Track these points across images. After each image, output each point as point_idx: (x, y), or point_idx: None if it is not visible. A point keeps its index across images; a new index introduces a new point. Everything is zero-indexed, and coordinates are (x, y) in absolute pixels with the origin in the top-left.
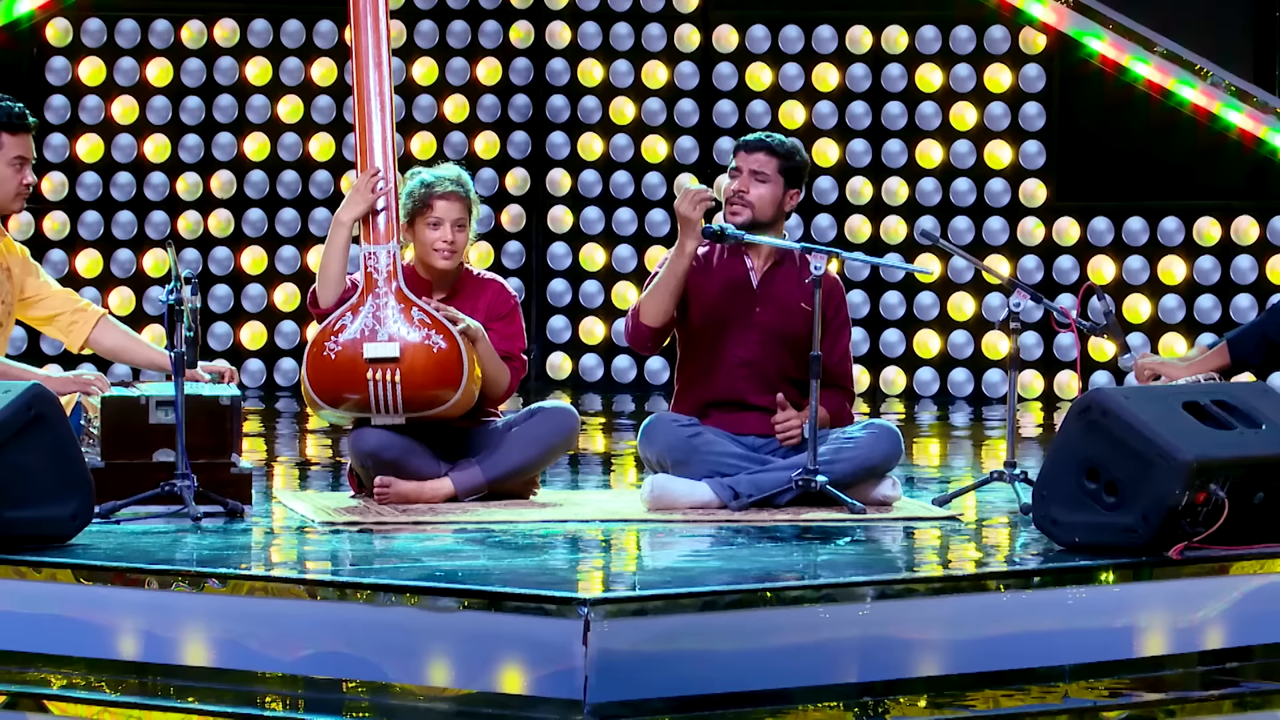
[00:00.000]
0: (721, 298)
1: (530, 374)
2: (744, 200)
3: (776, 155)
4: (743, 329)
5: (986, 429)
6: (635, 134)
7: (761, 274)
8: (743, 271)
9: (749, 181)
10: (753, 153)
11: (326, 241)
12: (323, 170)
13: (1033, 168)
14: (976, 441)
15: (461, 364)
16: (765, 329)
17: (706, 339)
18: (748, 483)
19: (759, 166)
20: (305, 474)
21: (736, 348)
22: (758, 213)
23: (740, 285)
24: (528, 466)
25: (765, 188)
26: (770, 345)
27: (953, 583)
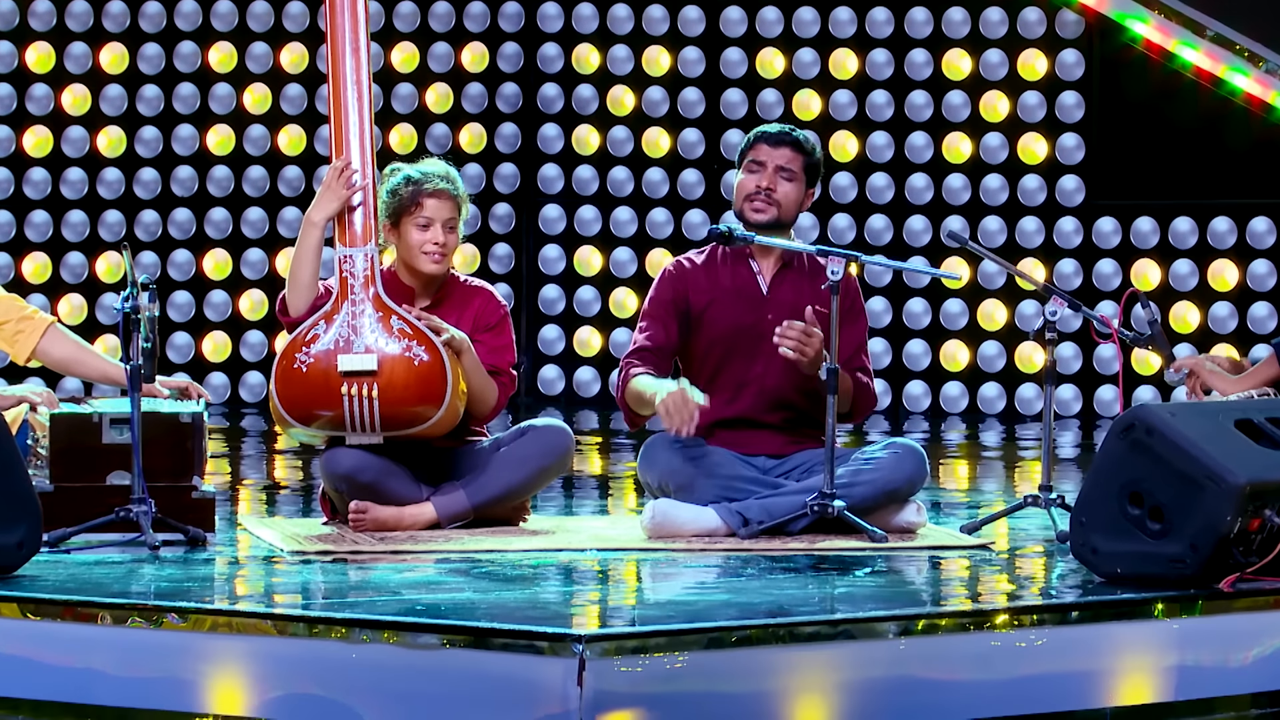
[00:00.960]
0: (729, 309)
1: (520, 389)
2: (770, 199)
3: (803, 151)
4: (753, 340)
5: (1020, 449)
6: (635, 125)
7: (770, 279)
8: (750, 278)
9: (775, 178)
10: (778, 146)
11: (297, 243)
12: (293, 165)
13: (1070, 163)
14: (1009, 463)
15: (445, 378)
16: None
17: (714, 354)
18: (758, 508)
19: (786, 162)
20: (273, 499)
21: (746, 361)
22: (783, 213)
23: (748, 293)
24: (517, 490)
25: (792, 186)
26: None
27: (983, 618)
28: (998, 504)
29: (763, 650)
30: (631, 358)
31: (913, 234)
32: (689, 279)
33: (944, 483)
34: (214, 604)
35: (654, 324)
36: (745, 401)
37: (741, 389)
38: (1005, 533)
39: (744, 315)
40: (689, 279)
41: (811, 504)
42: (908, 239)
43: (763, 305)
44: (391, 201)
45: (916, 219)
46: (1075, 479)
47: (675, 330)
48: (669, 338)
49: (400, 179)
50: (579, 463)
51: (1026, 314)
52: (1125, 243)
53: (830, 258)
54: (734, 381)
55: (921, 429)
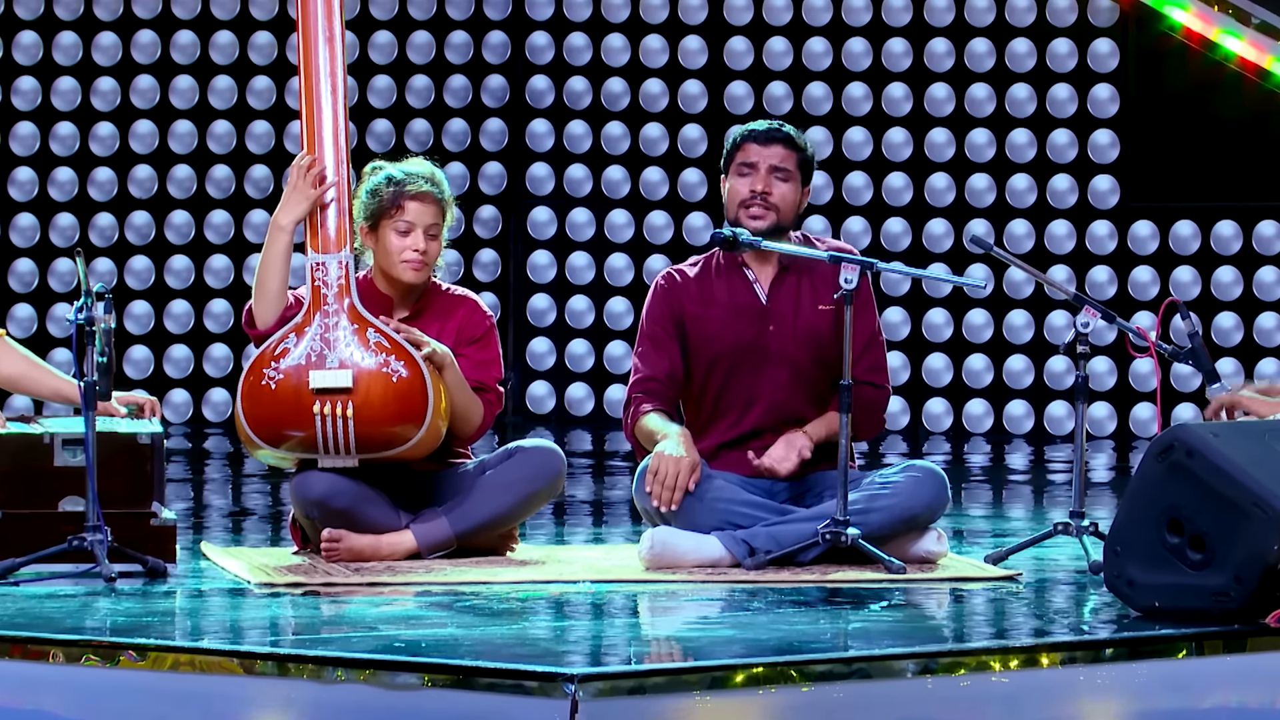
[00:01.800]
0: (728, 324)
1: (507, 407)
2: (768, 203)
3: (795, 148)
4: (755, 356)
5: (1049, 472)
6: (631, 121)
7: (769, 286)
8: (745, 287)
9: (770, 180)
10: (769, 145)
11: (264, 249)
12: (261, 164)
13: (1104, 161)
14: (1037, 487)
15: (426, 396)
16: (782, 350)
17: (716, 374)
18: (765, 536)
19: (780, 161)
20: (240, 526)
21: (749, 378)
22: (782, 216)
23: (747, 305)
24: (504, 517)
25: (788, 187)
26: (790, 367)
27: (1009, 655)
28: (1025, 532)
29: (771, 691)
30: (638, 391)
31: (933, 239)
32: (683, 293)
33: (967, 509)
34: (175, 640)
35: (654, 348)
36: (751, 421)
37: (746, 408)
38: (1033, 563)
39: (744, 330)
40: (683, 293)
41: (823, 532)
42: (927, 244)
43: (764, 317)
44: (371, 203)
45: (937, 222)
46: (1109, 505)
47: (677, 350)
48: (672, 361)
49: (381, 178)
50: (571, 487)
51: (1056, 325)
52: (1164, 248)
53: (844, 265)
54: (737, 401)
55: (942, 450)
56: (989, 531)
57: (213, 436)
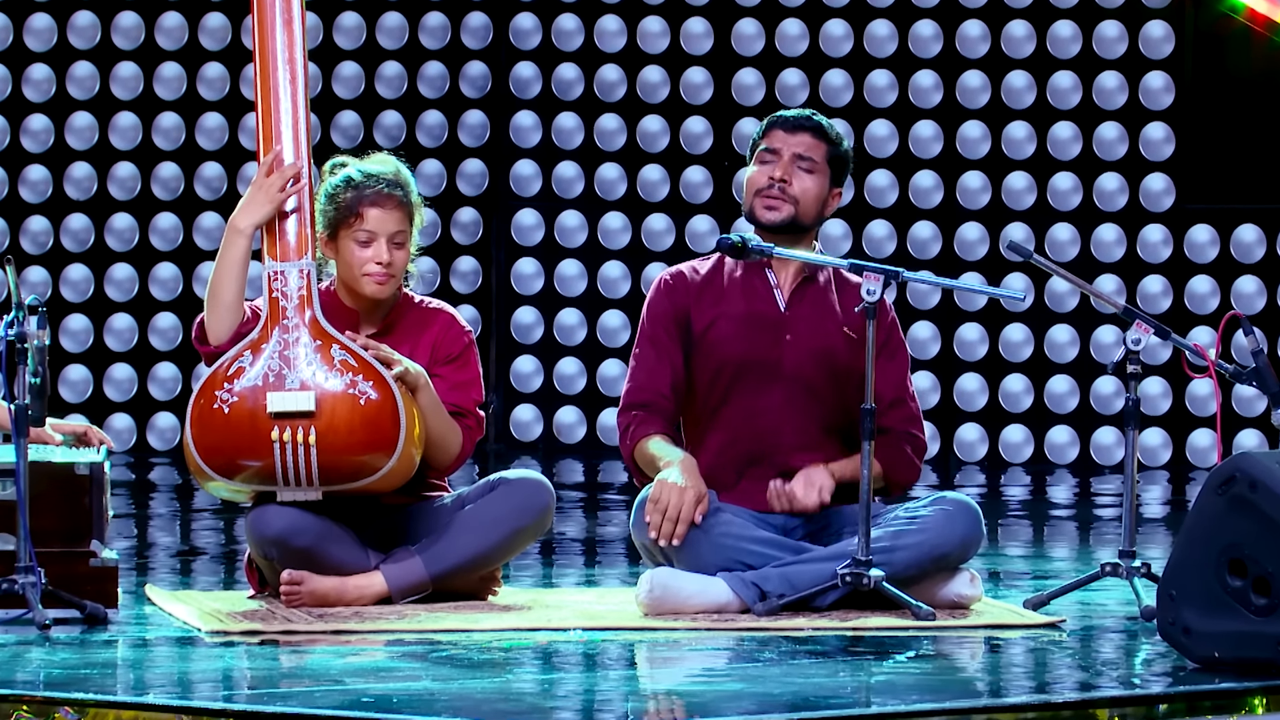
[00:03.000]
0: (739, 329)
1: (488, 433)
2: (785, 193)
3: (826, 139)
4: (767, 369)
5: (1096, 507)
6: (628, 113)
7: (790, 293)
8: (765, 291)
9: (791, 169)
10: (796, 132)
11: (218, 257)
12: (212, 162)
13: (1157, 158)
14: (1082, 523)
15: (398, 421)
16: (796, 367)
17: (719, 386)
18: (777, 578)
19: (806, 150)
20: (189, 567)
21: (755, 393)
22: (801, 211)
23: (762, 310)
24: (485, 556)
25: (812, 180)
26: (802, 387)
27: (1052, 711)
28: (1069, 574)
29: None
30: (637, 408)
31: (966, 245)
32: (689, 292)
33: (1004, 547)
34: (117, 695)
35: (654, 354)
36: (747, 444)
37: (744, 428)
38: (1078, 609)
39: (757, 337)
40: (689, 292)
41: (843, 573)
42: (959, 251)
43: (780, 325)
44: (328, 209)
45: (970, 227)
46: (1164, 543)
47: (679, 357)
48: (675, 370)
49: (339, 181)
50: (560, 523)
51: (1104, 342)
52: (1224, 255)
53: (866, 274)
54: (735, 418)
55: (977, 482)
56: (1028, 573)
57: (159, 466)
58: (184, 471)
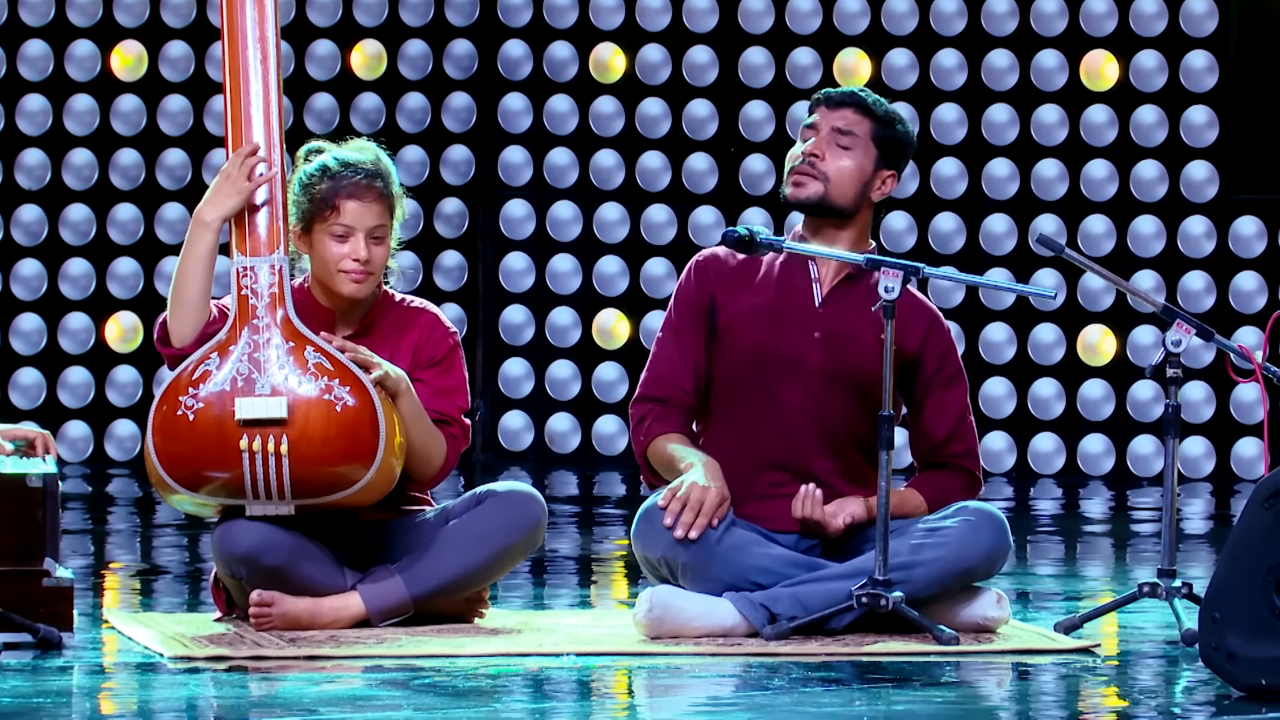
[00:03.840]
0: (762, 320)
1: (475, 443)
2: (816, 168)
3: (871, 115)
4: (790, 368)
5: (1133, 522)
6: (627, 96)
7: (828, 290)
8: (803, 282)
9: (827, 144)
10: (838, 107)
11: (182, 252)
12: (176, 149)
13: (1199, 144)
14: (1118, 540)
15: (377, 429)
16: (823, 364)
17: (734, 379)
18: (788, 599)
19: (846, 125)
20: (150, 588)
21: (773, 393)
22: (833, 191)
23: (795, 302)
24: (471, 576)
25: (849, 156)
26: (828, 388)
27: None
28: (1104, 595)
29: None
30: (654, 401)
31: (992, 239)
32: (720, 275)
33: (1033, 565)
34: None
35: (676, 344)
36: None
37: (758, 431)
38: (1114, 632)
39: (781, 329)
40: (720, 275)
41: (859, 594)
42: (985, 245)
43: (810, 321)
44: (302, 200)
45: (996, 219)
46: (1207, 562)
47: (702, 349)
48: (697, 364)
49: (314, 170)
50: (552, 539)
51: (1142, 344)
52: (1271, 249)
53: (883, 270)
54: (748, 419)
55: (1004, 495)
56: (1060, 594)
57: (118, 478)
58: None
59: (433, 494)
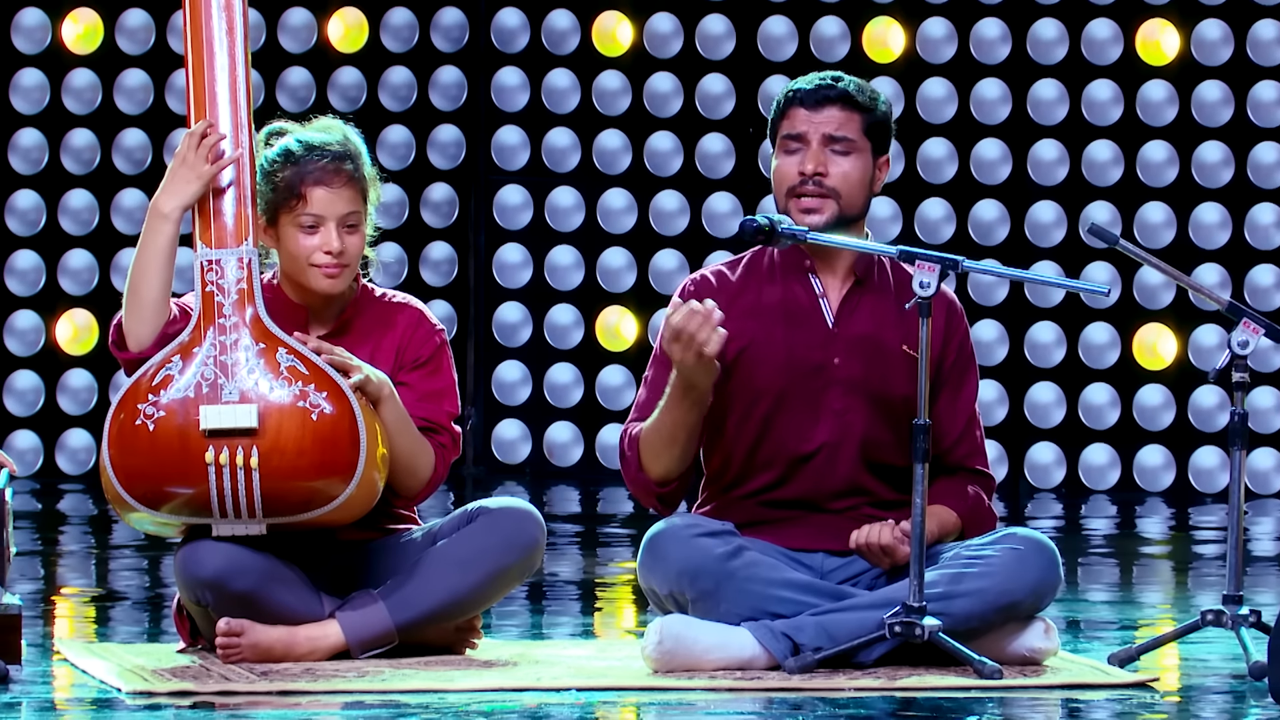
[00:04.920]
0: (778, 349)
1: (465, 453)
2: (823, 186)
3: (858, 107)
4: (813, 394)
5: (1195, 543)
6: (634, 70)
7: (839, 302)
8: (809, 300)
9: (824, 157)
10: (821, 108)
11: (139, 245)
12: (135, 129)
13: (1268, 124)
14: (1179, 563)
15: (357, 439)
16: (849, 392)
17: (755, 415)
18: (813, 628)
19: (837, 129)
20: (105, 615)
21: (801, 425)
22: (846, 204)
23: (807, 324)
24: (462, 602)
25: (851, 163)
26: (855, 412)
27: None
28: (1163, 623)
29: None
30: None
31: (1038, 229)
32: (717, 302)
33: (1084, 591)
34: None
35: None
36: (800, 486)
37: (793, 467)
38: (1174, 665)
39: (798, 364)
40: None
41: (892, 623)
42: (1030, 235)
43: (826, 345)
44: (265, 189)
45: (1043, 207)
46: (1277, 587)
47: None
48: None
49: (276, 154)
50: (551, 561)
51: (1205, 345)
52: None
53: (918, 264)
54: (780, 455)
55: (1052, 513)
56: (1114, 622)
57: (70, 494)
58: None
59: (419, 511)
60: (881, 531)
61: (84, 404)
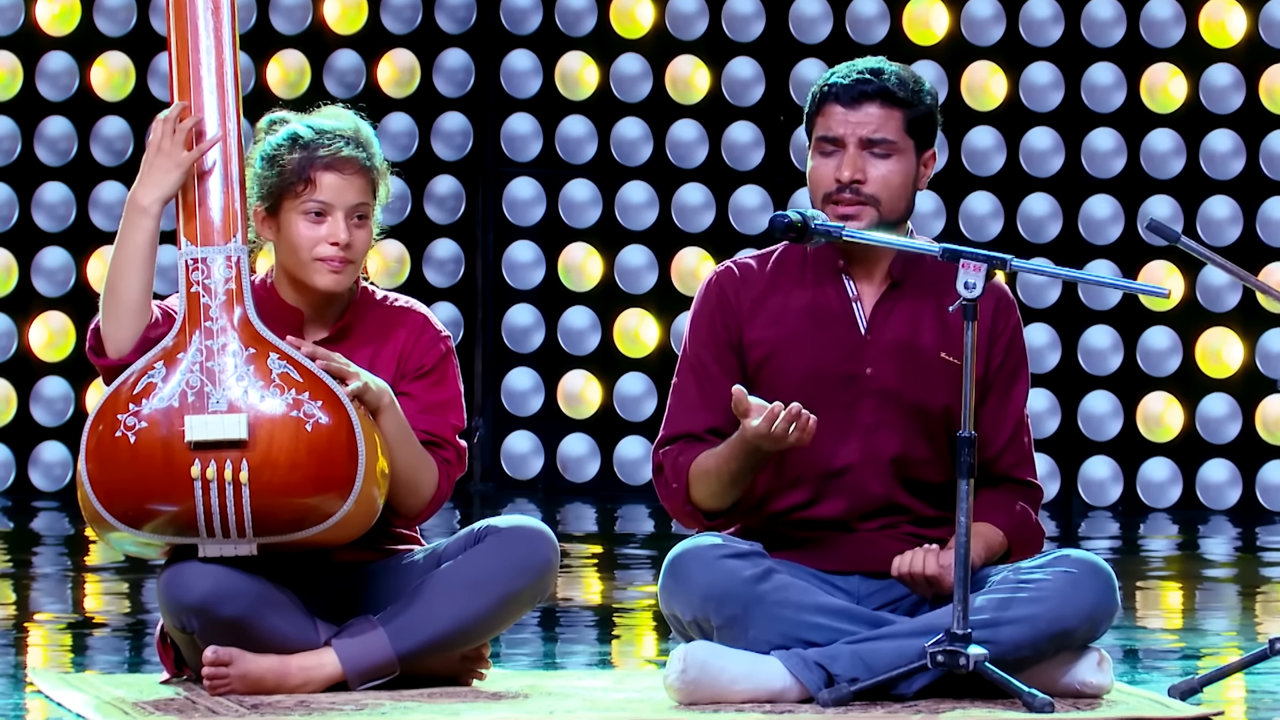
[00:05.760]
0: (807, 355)
1: (472, 469)
2: (862, 194)
3: (899, 102)
4: (845, 406)
5: (1263, 565)
6: (655, 53)
7: (873, 307)
8: (841, 305)
9: (862, 161)
10: (857, 105)
11: (117, 242)
12: (114, 117)
13: None
14: (1245, 587)
15: (355, 452)
16: (883, 403)
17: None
18: (849, 657)
19: (876, 130)
20: (83, 643)
21: (833, 437)
22: (888, 209)
23: (838, 330)
24: (469, 629)
25: (890, 165)
26: (889, 427)
27: None
28: (1229, 653)
29: None
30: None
31: (1092, 225)
32: (746, 301)
33: (1143, 618)
34: None
35: (695, 391)
36: (834, 505)
37: (826, 482)
38: (1240, 697)
39: (828, 374)
40: (746, 301)
41: (934, 652)
42: (1084, 232)
43: (858, 354)
44: (269, 175)
45: (1099, 201)
46: None
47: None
48: (726, 413)
49: (283, 139)
50: (565, 585)
51: (1274, 351)
52: None
53: (963, 263)
54: (812, 470)
55: (1108, 533)
56: (1175, 652)
57: (45, 512)
58: (78, 519)
59: (422, 531)
60: (926, 560)
61: (59, 415)
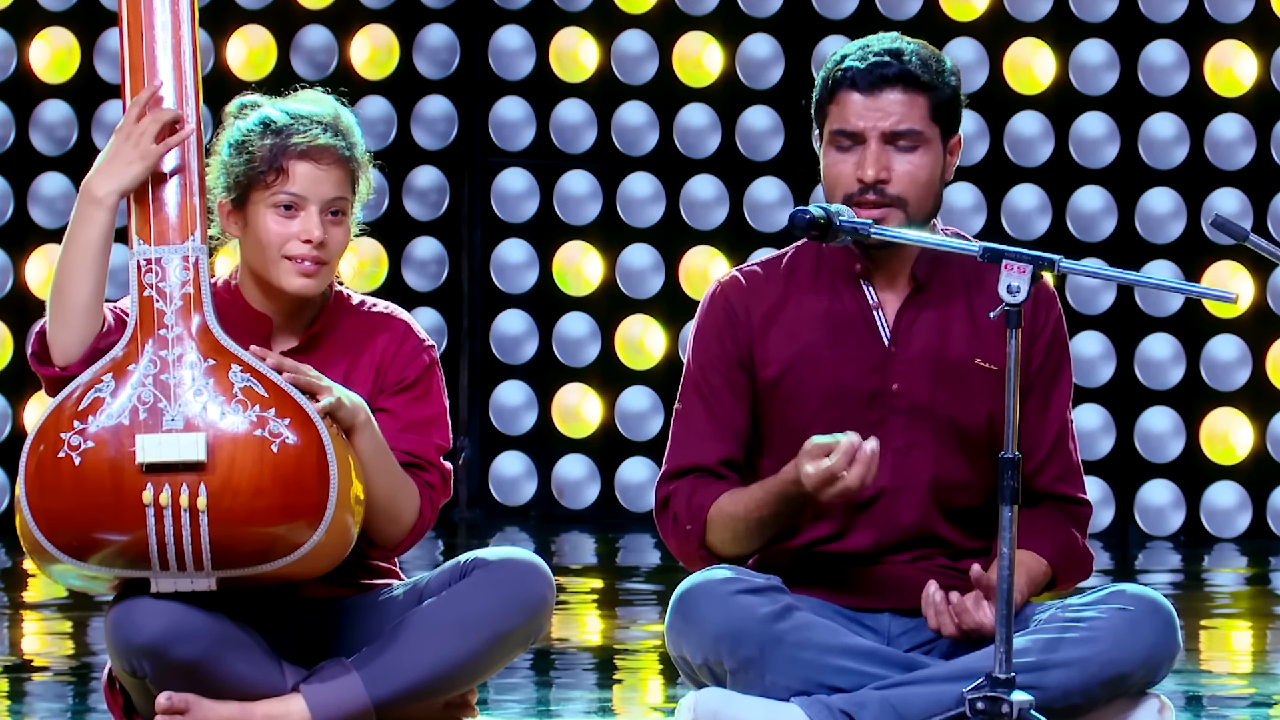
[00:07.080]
0: (826, 370)
1: (457, 494)
2: (886, 195)
3: (922, 86)
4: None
5: None
6: (659, 31)
7: (896, 313)
8: (862, 312)
9: (886, 158)
10: (877, 92)
11: (66, 238)
12: (58, 101)
13: None
14: None
15: (326, 476)
16: (912, 419)
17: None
18: (878, 704)
19: (899, 122)
20: (21, 688)
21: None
22: (912, 207)
23: (859, 341)
24: (454, 673)
25: (917, 159)
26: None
27: None
28: None
29: None
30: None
31: (1150, 222)
32: (752, 319)
33: (1207, 660)
34: None
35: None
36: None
37: (855, 511)
38: None
39: (853, 382)
40: (752, 319)
41: (974, 698)
42: (1142, 230)
43: (883, 368)
44: (236, 163)
45: (1157, 195)
46: None
47: (743, 414)
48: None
49: (254, 124)
50: (561, 625)
51: None
52: None
53: (1005, 264)
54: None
55: (1168, 565)
56: (1243, 699)
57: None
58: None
59: (401, 564)
60: (962, 618)
61: None
